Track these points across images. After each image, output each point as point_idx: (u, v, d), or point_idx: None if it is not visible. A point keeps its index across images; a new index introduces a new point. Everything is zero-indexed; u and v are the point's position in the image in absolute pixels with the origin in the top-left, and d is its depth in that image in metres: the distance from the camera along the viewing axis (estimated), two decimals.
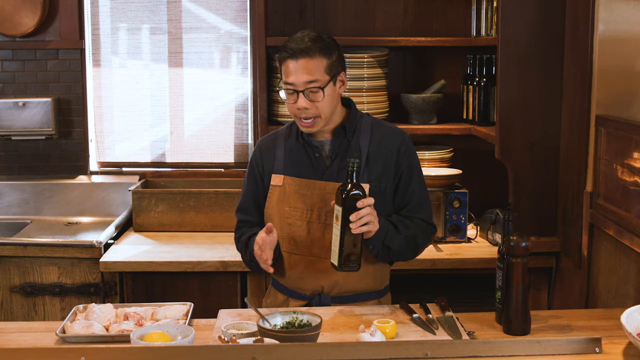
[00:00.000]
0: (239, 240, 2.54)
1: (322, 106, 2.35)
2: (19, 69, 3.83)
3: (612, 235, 2.55)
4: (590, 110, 2.75)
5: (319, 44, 2.34)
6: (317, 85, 2.32)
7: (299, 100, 2.33)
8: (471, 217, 3.37)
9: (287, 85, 2.35)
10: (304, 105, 2.33)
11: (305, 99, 2.33)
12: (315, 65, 2.32)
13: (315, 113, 2.35)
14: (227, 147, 3.91)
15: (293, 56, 2.32)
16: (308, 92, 2.32)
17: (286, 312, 2.15)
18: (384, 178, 2.42)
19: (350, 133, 2.43)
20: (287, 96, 2.37)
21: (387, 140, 2.44)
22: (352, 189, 2.19)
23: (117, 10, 3.83)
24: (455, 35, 3.68)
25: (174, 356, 1.84)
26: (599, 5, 2.68)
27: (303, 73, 2.32)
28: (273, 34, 3.68)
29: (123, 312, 2.26)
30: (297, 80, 2.32)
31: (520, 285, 2.16)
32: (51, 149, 3.88)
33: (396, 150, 2.43)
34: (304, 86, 2.32)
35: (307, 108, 2.33)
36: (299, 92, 2.33)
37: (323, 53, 2.34)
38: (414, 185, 2.45)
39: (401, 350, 1.86)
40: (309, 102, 2.33)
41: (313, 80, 2.32)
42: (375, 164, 2.41)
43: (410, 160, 2.45)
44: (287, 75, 2.35)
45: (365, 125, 2.46)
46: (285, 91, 2.37)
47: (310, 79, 2.32)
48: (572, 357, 1.92)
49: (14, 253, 3.19)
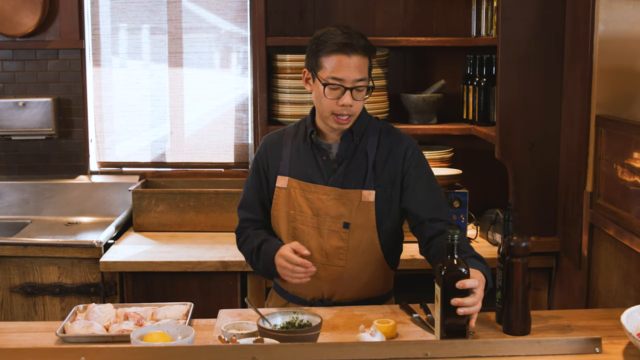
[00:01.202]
0: (244, 243, 2.50)
1: (360, 105, 2.33)
2: (19, 69, 3.83)
3: (612, 235, 2.55)
4: (590, 110, 2.75)
5: (367, 43, 2.31)
6: (365, 85, 2.29)
7: (345, 97, 2.28)
8: (471, 217, 3.37)
9: (335, 80, 2.28)
10: (348, 103, 2.28)
11: (350, 97, 2.28)
12: (364, 64, 2.29)
13: (354, 111, 2.31)
14: (227, 147, 3.91)
15: (344, 51, 2.26)
16: (355, 90, 2.29)
17: (286, 312, 2.15)
18: (389, 184, 2.39)
19: (358, 137, 2.39)
20: (329, 92, 2.29)
21: (394, 146, 2.41)
22: (452, 268, 2.00)
23: (117, 10, 3.83)
24: (455, 35, 3.68)
25: (174, 356, 1.84)
26: (599, 5, 2.68)
27: (355, 70, 2.27)
28: (273, 34, 3.68)
29: (123, 312, 2.26)
30: (348, 76, 2.27)
31: (520, 285, 2.16)
32: (51, 149, 3.88)
33: (402, 155, 2.39)
34: (352, 84, 2.27)
35: (351, 105, 2.29)
36: (347, 89, 2.28)
37: (369, 54, 2.31)
38: (427, 189, 2.39)
39: (401, 350, 1.86)
40: (353, 100, 2.28)
41: (362, 79, 2.29)
42: (382, 169, 2.38)
43: (418, 164, 2.40)
44: (336, 70, 2.27)
45: (374, 130, 2.42)
46: (328, 87, 2.29)
47: (361, 77, 2.28)
48: (572, 357, 1.92)
49: (14, 253, 3.19)
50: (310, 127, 2.42)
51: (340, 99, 2.28)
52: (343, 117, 2.31)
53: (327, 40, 2.29)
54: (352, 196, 2.37)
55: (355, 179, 2.38)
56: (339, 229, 2.37)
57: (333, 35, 2.28)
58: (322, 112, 2.34)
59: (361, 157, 2.39)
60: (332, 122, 2.33)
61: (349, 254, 2.38)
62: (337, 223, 2.37)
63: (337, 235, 2.38)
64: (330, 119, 2.33)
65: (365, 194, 2.36)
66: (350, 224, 2.36)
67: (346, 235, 2.37)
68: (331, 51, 2.28)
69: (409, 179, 2.39)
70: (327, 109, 2.31)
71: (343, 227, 2.37)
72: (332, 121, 2.33)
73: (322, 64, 2.30)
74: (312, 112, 2.45)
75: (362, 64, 2.28)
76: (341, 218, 2.37)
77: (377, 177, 2.38)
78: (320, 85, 2.30)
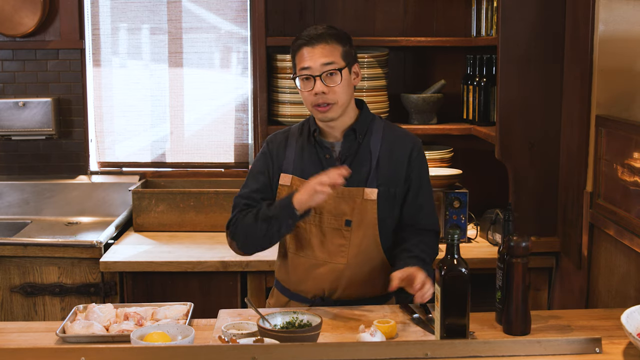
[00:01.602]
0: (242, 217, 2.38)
1: (339, 92, 2.33)
2: (19, 69, 3.83)
3: (612, 235, 2.55)
4: (590, 110, 2.74)
5: (333, 31, 2.36)
6: (334, 68, 2.31)
7: (316, 85, 2.30)
8: (471, 217, 3.37)
9: (303, 71, 2.32)
10: (321, 90, 2.30)
11: (322, 84, 2.30)
12: (331, 50, 2.33)
13: (333, 99, 2.32)
14: (227, 147, 3.91)
15: (309, 43, 2.32)
16: (325, 75, 2.31)
17: (286, 312, 2.15)
18: (393, 183, 2.39)
19: (361, 135, 2.40)
20: (303, 84, 2.34)
21: (399, 144, 2.42)
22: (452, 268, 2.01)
23: (117, 10, 3.83)
24: (455, 35, 3.68)
25: (174, 356, 1.84)
26: (599, 5, 2.68)
27: (319, 57, 2.31)
28: (273, 34, 3.68)
29: (123, 312, 2.26)
30: (314, 64, 2.31)
31: (520, 285, 2.16)
32: (51, 149, 3.88)
33: (408, 155, 2.40)
34: (320, 69, 2.30)
35: (325, 92, 2.30)
36: (316, 77, 2.31)
37: (338, 40, 2.35)
38: (423, 193, 2.43)
39: (401, 350, 1.86)
40: (325, 86, 2.30)
41: (330, 62, 2.31)
42: (386, 168, 2.39)
43: (421, 167, 2.43)
44: (302, 61, 2.33)
45: (377, 128, 2.43)
46: (300, 78, 2.34)
47: (327, 61, 2.31)
48: (572, 357, 1.92)
49: (14, 253, 3.19)
50: (313, 126, 2.43)
51: (313, 89, 2.32)
52: (321, 106, 2.33)
53: (296, 39, 2.39)
54: (355, 194, 2.37)
55: (359, 177, 2.38)
56: (341, 226, 2.38)
57: (303, 33, 2.38)
58: (308, 107, 2.39)
59: (364, 155, 2.40)
60: (316, 113, 2.37)
61: (350, 252, 2.39)
62: (339, 221, 2.38)
63: (339, 233, 2.38)
64: (314, 112, 2.37)
65: (367, 192, 2.37)
66: (352, 222, 2.37)
67: (348, 233, 2.38)
68: (297, 47, 2.37)
69: (410, 181, 2.41)
70: (308, 103, 2.37)
71: (345, 225, 2.38)
72: (316, 113, 2.37)
73: (295, 62, 2.38)
74: None
75: (328, 50, 2.32)
76: (343, 216, 2.38)
77: (380, 175, 2.39)
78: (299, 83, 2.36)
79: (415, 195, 2.42)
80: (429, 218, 2.46)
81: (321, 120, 2.39)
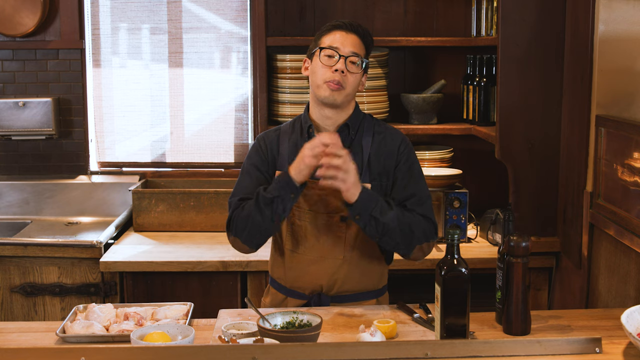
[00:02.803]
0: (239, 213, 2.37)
1: (352, 81, 2.39)
2: (19, 69, 3.83)
3: (612, 235, 2.55)
4: (590, 110, 2.75)
5: (368, 35, 2.46)
6: (360, 59, 2.40)
7: (339, 63, 2.37)
8: (471, 217, 3.37)
9: (331, 49, 2.38)
10: (341, 68, 2.37)
11: (344, 64, 2.37)
12: (360, 45, 2.42)
13: (345, 83, 2.38)
14: (227, 147, 3.91)
15: (345, 28, 2.41)
16: (349, 60, 2.38)
17: (286, 312, 2.15)
18: (384, 176, 2.43)
19: (354, 131, 2.44)
20: (325, 59, 2.38)
21: (388, 139, 2.46)
22: (452, 268, 2.01)
23: (117, 10, 3.83)
24: (455, 35, 3.68)
25: (174, 356, 1.84)
26: (599, 5, 2.68)
27: (351, 44, 2.39)
28: (273, 34, 3.69)
29: (123, 312, 2.26)
30: (344, 47, 2.38)
31: (520, 285, 2.16)
32: (51, 149, 3.88)
33: (397, 148, 2.44)
34: (348, 53, 2.38)
35: (344, 73, 2.37)
36: (341, 57, 2.37)
37: (366, 44, 2.44)
38: (413, 182, 2.43)
39: (401, 350, 1.86)
40: (346, 69, 2.37)
41: (357, 54, 2.39)
42: (377, 163, 2.42)
43: (408, 158, 2.45)
44: (333, 41, 2.39)
45: (368, 125, 2.48)
46: (325, 53, 2.39)
47: (356, 51, 2.39)
48: (572, 357, 1.92)
49: (14, 253, 3.19)
50: (306, 122, 2.45)
51: (334, 65, 2.37)
52: (334, 84, 2.36)
53: (329, 24, 2.46)
54: None
55: None
56: (336, 222, 2.40)
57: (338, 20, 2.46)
58: (315, 82, 2.40)
59: (356, 151, 2.42)
60: (324, 90, 2.38)
61: (346, 247, 2.41)
62: (334, 217, 2.40)
63: (334, 229, 2.40)
64: (322, 88, 2.38)
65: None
66: (347, 218, 2.38)
67: (343, 228, 2.40)
68: (331, 28, 2.44)
69: (398, 172, 2.43)
70: (321, 77, 2.38)
71: (340, 221, 2.39)
72: (324, 89, 2.37)
73: (321, 41, 2.43)
74: (306, 108, 2.49)
75: (358, 44, 2.41)
76: (338, 212, 2.39)
77: (372, 170, 2.42)
78: (317, 59, 2.40)
79: (405, 185, 2.41)
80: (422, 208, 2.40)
81: (325, 100, 2.39)
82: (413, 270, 3.03)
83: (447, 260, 2.02)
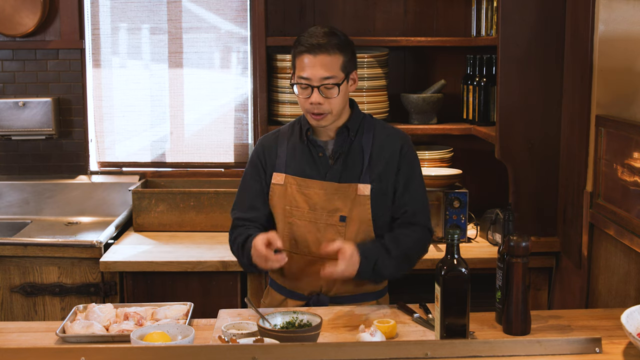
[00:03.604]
0: (235, 241, 2.49)
1: (335, 103, 2.35)
2: (19, 69, 3.83)
3: (612, 235, 2.55)
4: (590, 110, 2.75)
5: (337, 40, 2.34)
6: (333, 82, 2.33)
7: (313, 96, 2.32)
8: (471, 217, 3.37)
9: (302, 79, 2.34)
10: (317, 101, 2.32)
11: (319, 95, 2.32)
12: (332, 62, 2.32)
13: (328, 109, 2.35)
14: (227, 147, 3.91)
15: (311, 51, 2.32)
16: (323, 88, 2.32)
17: (286, 312, 2.15)
18: (385, 178, 2.42)
19: (353, 133, 2.43)
20: (300, 91, 2.35)
21: (389, 140, 2.45)
22: (452, 268, 2.01)
23: (117, 10, 3.83)
24: (455, 35, 3.68)
25: (174, 356, 1.84)
26: (599, 5, 2.68)
27: (320, 69, 2.31)
28: (273, 34, 3.69)
29: (123, 312, 2.26)
30: (314, 75, 2.31)
31: (520, 285, 2.16)
32: (51, 149, 3.88)
33: (398, 150, 2.43)
34: (319, 82, 2.32)
35: (321, 103, 2.33)
36: (314, 88, 2.32)
37: (340, 50, 2.34)
38: (414, 188, 2.44)
39: (401, 350, 1.86)
40: (322, 98, 2.32)
41: (330, 77, 2.32)
42: (377, 164, 2.42)
43: (411, 162, 2.45)
44: (302, 70, 2.33)
45: (368, 126, 2.46)
46: (299, 86, 2.35)
47: (327, 75, 2.32)
48: (572, 357, 1.92)
49: (14, 253, 3.19)
50: (305, 125, 2.45)
51: (309, 97, 2.33)
52: (316, 115, 2.36)
53: (299, 41, 2.36)
54: (348, 190, 2.39)
55: (352, 174, 2.41)
56: (336, 222, 2.40)
57: (306, 36, 2.35)
58: (302, 110, 2.41)
59: (357, 152, 2.42)
60: (310, 119, 2.39)
61: None
62: (333, 217, 2.40)
63: (333, 229, 2.40)
64: (308, 117, 2.40)
65: (361, 187, 2.39)
66: (346, 218, 2.38)
67: (343, 228, 2.40)
68: (300, 52, 2.35)
69: (399, 177, 2.43)
70: (302, 107, 2.39)
71: (339, 221, 2.40)
72: (310, 118, 2.39)
73: (295, 65, 2.38)
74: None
75: (330, 62, 2.32)
76: (337, 212, 2.40)
77: (373, 171, 2.41)
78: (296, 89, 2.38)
79: (406, 188, 2.43)
80: (420, 214, 2.45)
81: (314, 127, 2.43)
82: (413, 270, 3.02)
83: (447, 260, 2.02)
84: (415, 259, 2.46)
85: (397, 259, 2.37)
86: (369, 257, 2.31)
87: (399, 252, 2.38)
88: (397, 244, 2.38)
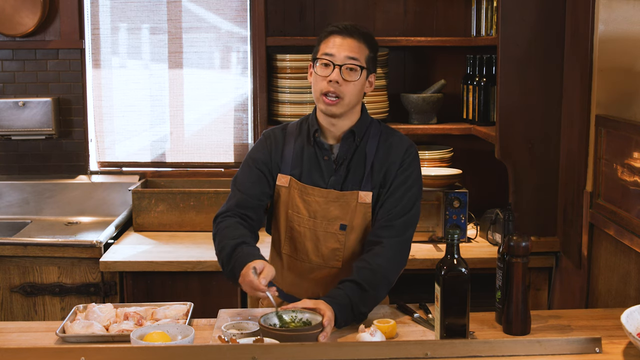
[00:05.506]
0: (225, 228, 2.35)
1: (350, 90, 2.32)
2: (19, 69, 3.83)
3: (612, 235, 2.55)
4: (590, 110, 2.75)
5: (367, 34, 2.37)
6: (356, 64, 2.31)
7: (334, 73, 2.30)
8: (471, 217, 3.37)
9: (326, 56, 2.32)
10: (335, 79, 2.29)
11: (339, 73, 2.30)
12: (359, 48, 2.33)
13: (342, 93, 2.31)
14: (227, 147, 3.91)
15: (341, 32, 2.32)
16: (345, 68, 2.31)
17: (287, 311, 2.14)
18: (383, 187, 2.38)
19: (359, 138, 2.40)
20: (321, 68, 2.32)
21: (393, 149, 2.39)
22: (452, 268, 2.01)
23: (117, 10, 3.83)
24: (455, 35, 3.68)
25: (174, 356, 1.84)
26: (599, 5, 2.68)
27: (347, 49, 2.31)
28: (273, 34, 3.69)
29: (123, 312, 2.26)
30: (339, 53, 2.31)
31: (520, 285, 2.16)
32: (51, 149, 3.88)
33: (401, 157, 2.37)
34: (343, 61, 2.30)
35: (339, 83, 2.30)
36: (336, 65, 2.30)
37: (367, 44, 2.36)
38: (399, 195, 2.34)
39: (401, 350, 1.86)
40: (341, 78, 2.30)
41: (354, 58, 2.31)
42: (379, 172, 2.38)
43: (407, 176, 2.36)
44: (328, 47, 2.32)
45: (375, 132, 2.42)
46: (320, 62, 2.33)
47: (353, 55, 2.31)
48: (572, 357, 1.92)
49: (14, 253, 3.19)
50: (313, 125, 2.41)
51: (329, 75, 2.30)
52: (331, 96, 2.31)
53: (326, 28, 2.38)
54: (349, 198, 2.37)
55: (353, 181, 2.38)
56: (336, 231, 2.37)
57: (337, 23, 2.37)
58: (315, 94, 2.37)
59: (360, 159, 2.39)
60: (321, 103, 2.34)
61: (345, 256, 2.38)
62: (333, 225, 2.37)
63: (333, 237, 2.38)
64: (320, 100, 2.34)
65: (362, 195, 2.36)
66: (347, 226, 2.36)
67: (343, 237, 2.38)
68: (329, 32, 2.36)
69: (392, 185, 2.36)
70: (318, 89, 2.34)
71: (340, 229, 2.37)
72: (322, 102, 2.34)
73: (319, 48, 2.36)
74: (315, 110, 2.45)
75: (356, 47, 2.32)
76: (338, 220, 2.37)
77: (374, 179, 2.37)
78: (315, 69, 2.35)
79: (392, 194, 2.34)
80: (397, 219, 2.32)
81: (324, 112, 2.36)
82: (413, 270, 3.03)
83: (447, 260, 2.02)
84: (395, 274, 2.32)
85: (373, 292, 2.23)
86: (341, 304, 2.16)
87: (372, 283, 2.23)
88: (368, 272, 2.24)
